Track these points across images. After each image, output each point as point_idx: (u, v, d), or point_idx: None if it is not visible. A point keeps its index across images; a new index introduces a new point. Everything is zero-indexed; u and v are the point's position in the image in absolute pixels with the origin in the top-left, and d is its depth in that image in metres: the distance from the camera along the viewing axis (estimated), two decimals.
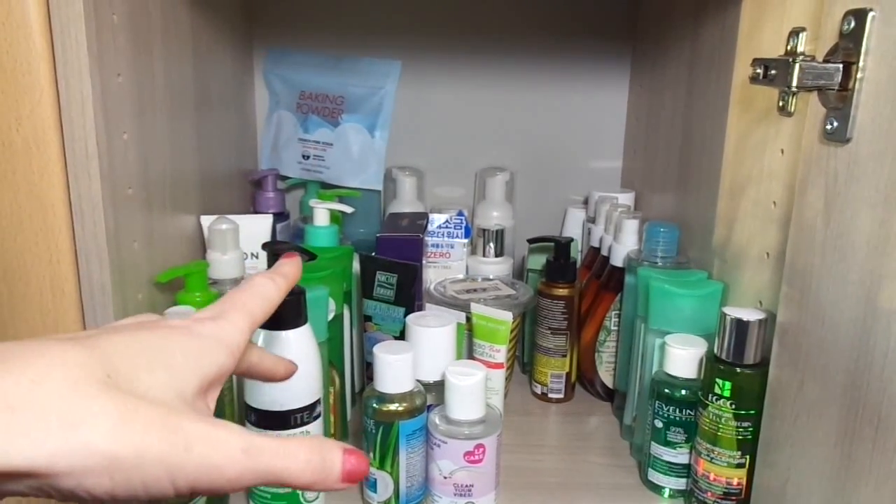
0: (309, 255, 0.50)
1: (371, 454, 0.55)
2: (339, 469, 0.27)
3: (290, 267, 0.37)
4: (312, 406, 0.53)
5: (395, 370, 0.54)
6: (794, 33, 0.49)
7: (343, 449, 0.27)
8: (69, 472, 0.22)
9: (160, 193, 0.61)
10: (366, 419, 0.55)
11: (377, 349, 0.55)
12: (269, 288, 0.34)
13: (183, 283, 0.59)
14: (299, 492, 0.53)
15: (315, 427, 0.53)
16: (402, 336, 0.65)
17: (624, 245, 0.73)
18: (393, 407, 0.54)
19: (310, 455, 0.26)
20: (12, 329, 0.51)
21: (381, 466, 0.55)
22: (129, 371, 0.24)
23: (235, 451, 0.25)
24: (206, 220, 0.67)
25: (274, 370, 0.37)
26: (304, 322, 0.52)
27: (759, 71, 0.46)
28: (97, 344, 0.25)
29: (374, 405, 0.54)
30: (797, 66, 0.42)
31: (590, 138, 0.97)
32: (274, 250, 0.51)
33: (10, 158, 0.47)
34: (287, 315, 0.50)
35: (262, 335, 0.51)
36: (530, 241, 0.83)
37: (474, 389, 0.55)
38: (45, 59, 0.46)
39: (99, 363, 0.24)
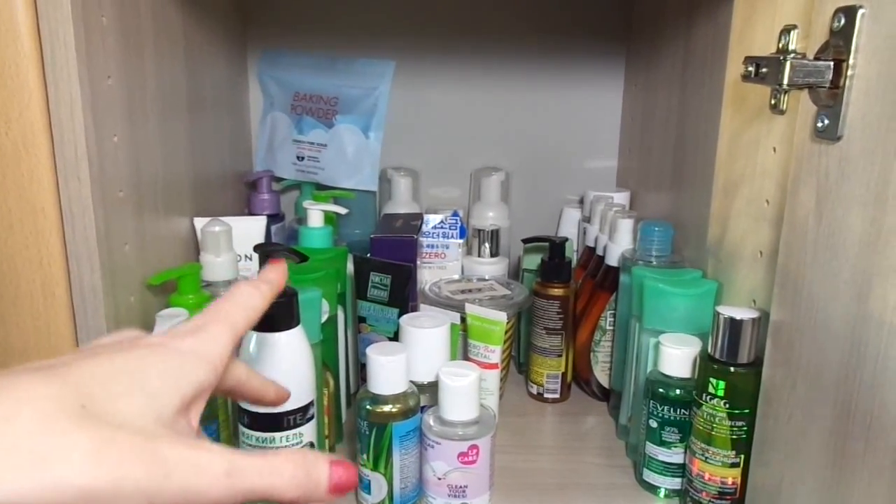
0: (300, 257, 0.50)
1: (365, 455, 0.55)
2: (325, 483, 0.27)
3: (275, 273, 0.36)
4: (306, 408, 0.52)
5: (389, 371, 0.54)
6: (786, 31, 0.49)
7: (329, 461, 0.27)
8: None
9: (152, 196, 0.60)
10: (359, 420, 0.55)
11: (370, 350, 0.55)
12: (253, 296, 0.33)
13: (175, 286, 0.59)
14: None
15: (308, 429, 0.53)
16: (396, 337, 0.65)
17: (619, 244, 0.73)
18: (386, 408, 0.54)
19: (294, 470, 0.26)
20: (3, 332, 0.51)
21: (375, 468, 0.55)
22: (105, 398, 0.24)
23: (218, 474, 0.24)
24: (200, 223, 0.67)
25: (262, 392, 0.36)
26: (297, 324, 0.51)
27: (750, 69, 0.46)
28: (70, 373, 0.24)
29: (368, 406, 0.54)
30: (788, 63, 0.42)
31: (585, 138, 0.97)
32: (266, 252, 0.51)
33: (0, 162, 0.47)
34: (279, 317, 0.50)
35: (254, 337, 0.50)
36: (525, 241, 0.82)
37: (468, 390, 0.54)
38: (34, 61, 0.46)
39: (72, 393, 0.23)
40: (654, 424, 0.59)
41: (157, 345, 0.28)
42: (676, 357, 0.58)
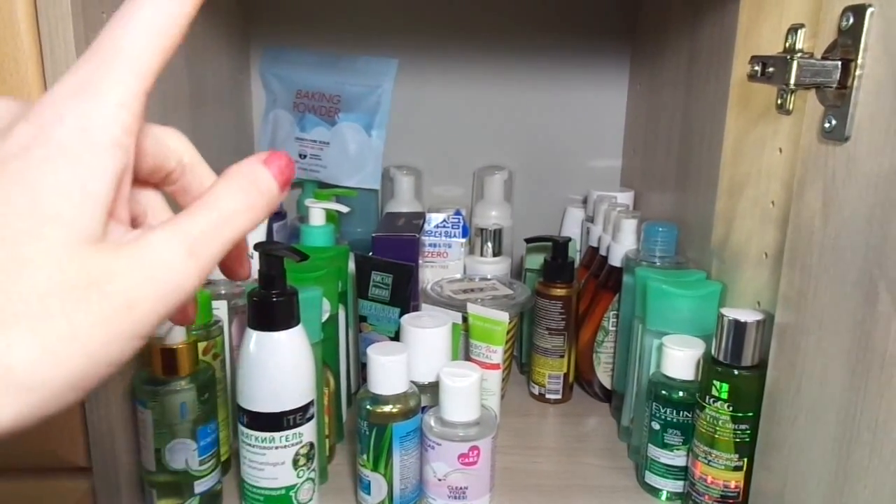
0: (300, 256, 0.50)
1: (365, 456, 0.55)
2: (274, 184, 0.24)
3: None
4: (305, 407, 0.52)
5: (389, 371, 0.53)
6: (793, 30, 0.48)
7: (262, 161, 0.24)
8: (27, 424, 0.19)
9: None
10: (359, 421, 0.55)
11: (370, 350, 0.54)
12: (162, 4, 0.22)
13: None
14: (291, 494, 0.52)
15: (308, 429, 0.52)
16: (397, 337, 0.65)
17: (622, 245, 0.72)
18: (387, 409, 0.54)
19: (246, 197, 0.23)
20: None
21: (375, 468, 0.54)
22: (12, 260, 0.18)
23: (182, 262, 0.21)
24: None
25: (200, 189, 0.26)
26: (297, 323, 0.51)
27: (757, 68, 0.46)
28: None
29: (368, 407, 0.54)
30: (795, 63, 0.41)
31: (589, 137, 0.96)
32: (266, 251, 0.50)
33: None
34: (279, 316, 0.50)
35: (253, 336, 0.50)
36: (528, 240, 0.82)
37: (469, 391, 0.54)
38: (34, 59, 0.45)
39: None
40: (656, 426, 0.58)
41: (32, 147, 0.19)
42: (679, 359, 0.57)
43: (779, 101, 0.51)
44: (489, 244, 0.82)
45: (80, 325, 0.19)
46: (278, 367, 0.50)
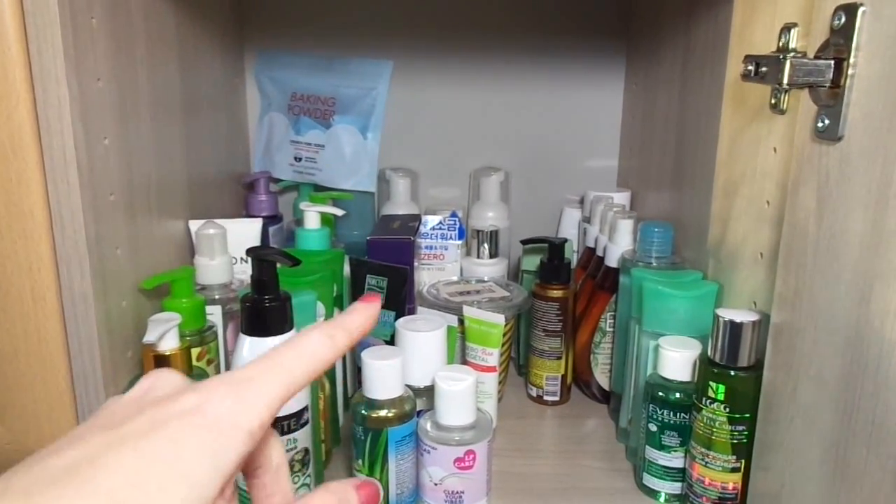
0: (292, 261, 0.50)
1: (360, 461, 0.54)
2: None
3: (359, 317, 0.30)
4: (299, 413, 0.52)
5: (384, 376, 0.53)
6: (786, 29, 0.48)
7: (355, 487, 0.28)
8: None
9: (145, 199, 0.60)
10: (355, 425, 0.54)
11: (365, 355, 0.54)
12: (322, 347, 0.28)
13: (169, 289, 0.59)
14: None
15: (302, 434, 0.52)
16: (393, 340, 0.64)
17: (619, 245, 0.72)
18: (382, 413, 0.53)
19: None
20: None
21: (371, 473, 0.54)
22: (142, 501, 0.22)
23: None
24: (195, 225, 0.67)
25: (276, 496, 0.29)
26: (290, 328, 0.51)
27: (750, 68, 0.45)
28: (100, 479, 0.21)
29: (363, 411, 0.54)
30: (788, 62, 0.41)
31: (585, 137, 0.96)
32: (258, 255, 0.50)
33: None
34: (271, 321, 0.50)
35: (247, 342, 0.50)
36: (524, 242, 0.82)
37: (464, 395, 0.54)
38: (21, 64, 0.45)
39: None
40: (653, 428, 0.58)
41: (190, 413, 0.24)
42: (676, 360, 0.57)
43: (772, 101, 0.50)
44: (486, 246, 0.82)
45: None
46: None
